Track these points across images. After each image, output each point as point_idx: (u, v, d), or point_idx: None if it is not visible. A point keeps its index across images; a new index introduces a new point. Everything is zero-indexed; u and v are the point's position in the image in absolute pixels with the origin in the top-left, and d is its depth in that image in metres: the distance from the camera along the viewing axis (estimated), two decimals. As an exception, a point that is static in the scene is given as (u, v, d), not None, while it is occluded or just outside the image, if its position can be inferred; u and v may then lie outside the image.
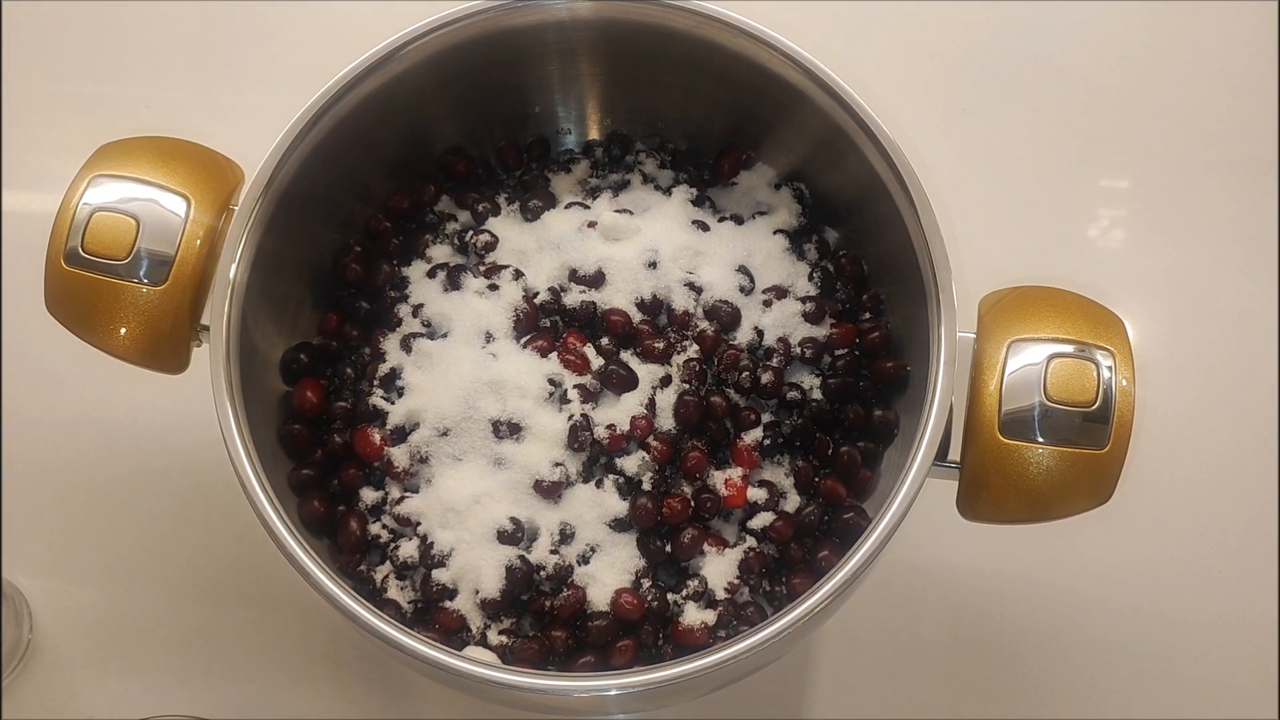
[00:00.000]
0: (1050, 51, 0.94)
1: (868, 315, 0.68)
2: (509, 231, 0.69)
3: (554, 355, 0.64)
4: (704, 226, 0.69)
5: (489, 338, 0.64)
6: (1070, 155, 0.91)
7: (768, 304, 0.67)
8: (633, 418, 0.62)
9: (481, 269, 0.67)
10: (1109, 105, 0.92)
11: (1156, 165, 0.90)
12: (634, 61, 0.70)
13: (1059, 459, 0.56)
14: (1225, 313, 0.85)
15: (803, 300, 0.67)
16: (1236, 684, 0.74)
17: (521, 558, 0.60)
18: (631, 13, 0.66)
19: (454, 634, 0.61)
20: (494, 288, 0.66)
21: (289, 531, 0.55)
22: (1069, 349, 0.57)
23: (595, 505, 0.62)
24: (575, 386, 0.63)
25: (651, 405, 0.63)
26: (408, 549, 0.62)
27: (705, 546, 0.62)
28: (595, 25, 0.68)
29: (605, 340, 0.65)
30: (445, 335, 0.65)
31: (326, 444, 0.65)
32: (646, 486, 0.62)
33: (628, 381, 0.63)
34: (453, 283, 0.67)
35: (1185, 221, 0.88)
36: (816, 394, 0.66)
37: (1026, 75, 0.93)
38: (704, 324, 0.65)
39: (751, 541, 0.63)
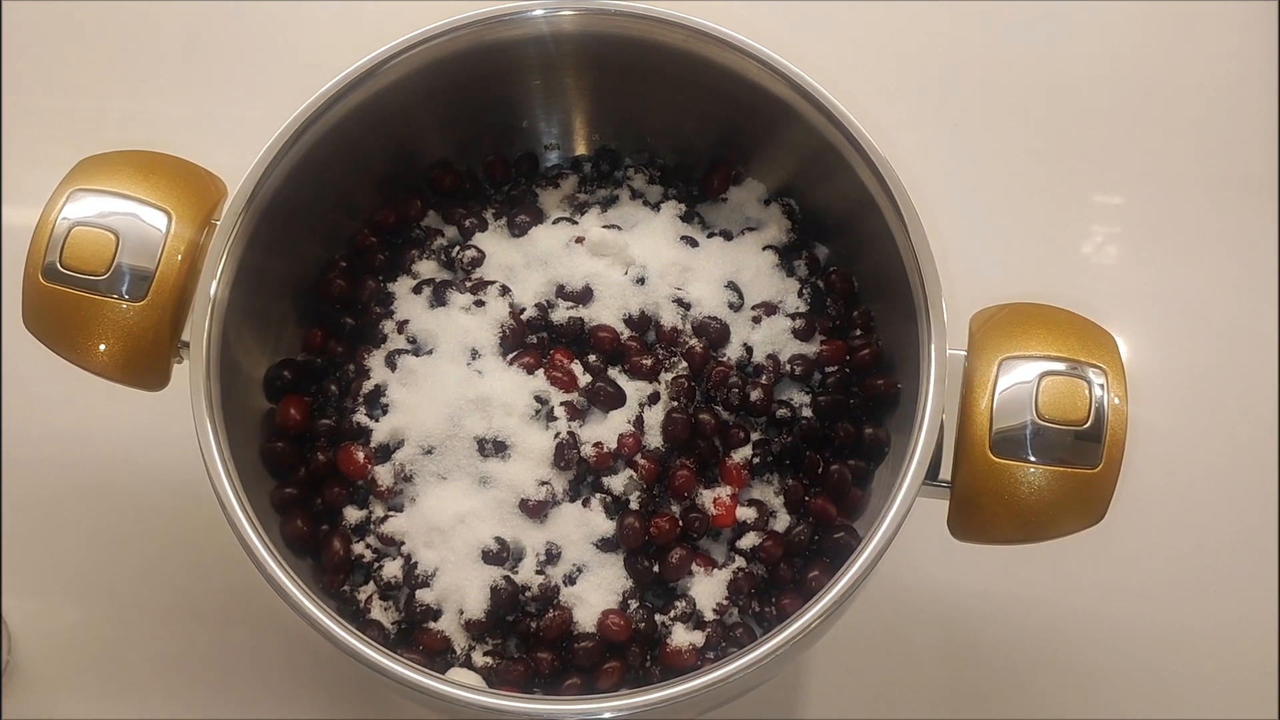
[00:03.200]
0: (1042, 65, 0.94)
1: (858, 332, 0.68)
2: (496, 247, 0.68)
3: (540, 372, 0.63)
4: (693, 242, 0.68)
5: (475, 354, 0.64)
6: (1062, 171, 0.90)
7: (757, 320, 0.66)
8: (620, 435, 0.62)
9: (468, 285, 0.67)
10: (1102, 120, 0.92)
11: (1150, 181, 0.90)
12: (621, 76, 0.70)
13: (1051, 478, 0.55)
14: (1219, 329, 0.84)
15: (792, 317, 0.67)
16: (1233, 703, 0.74)
17: (507, 578, 0.59)
18: (618, 27, 0.66)
19: (438, 655, 0.60)
20: (480, 304, 0.65)
21: (268, 551, 0.55)
22: (1061, 367, 0.57)
23: (582, 525, 0.61)
24: (562, 404, 0.62)
25: (639, 423, 0.62)
26: (391, 569, 0.61)
27: (693, 566, 0.61)
28: (580, 40, 0.67)
29: (593, 357, 0.64)
30: (430, 352, 0.65)
31: (310, 462, 0.64)
32: (634, 505, 0.61)
33: (615, 399, 0.63)
34: (438, 299, 0.66)
35: (1179, 238, 0.88)
36: (806, 411, 0.65)
37: (1017, 90, 0.93)
38: (692, 340, 0.65)
39: (741, 561, 0.62)
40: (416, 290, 0.68)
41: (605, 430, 0.62)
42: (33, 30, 0.95)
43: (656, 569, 0.61)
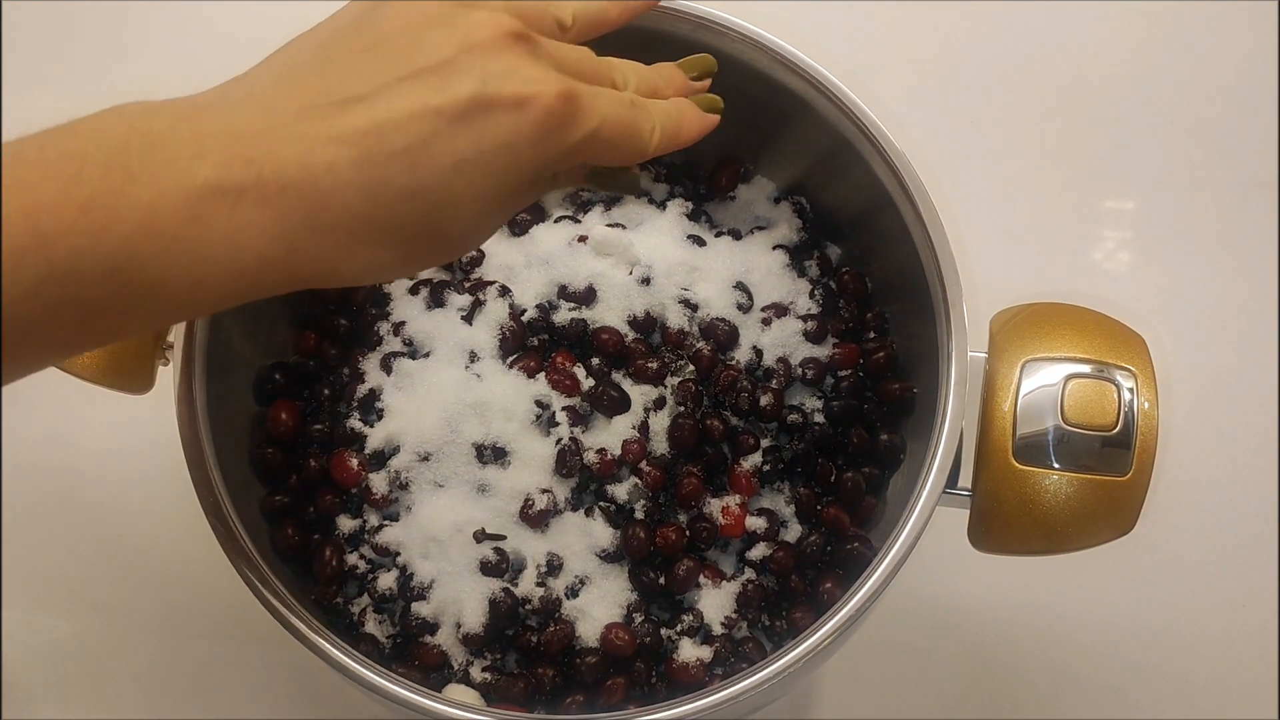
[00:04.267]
0: (1056, 64, 0.93)
1: (872, 334, 0.66)
2: (495, 246, 0.66)
3: (542, 376, 0.61)
4: (700, 241, 0.67)
5: (473, 357, 0.62)
6: (1082, 164, 0.89)
7: (767, 322, 0.65)
8: (624, 442, 0.60)
9: (466, 285, 0.65)
10: (1120, 114, 0.91)
11: (1164, 183, 0.89)
12: (627, 69, 0.68)
13: (1077, 486, 0.54)
14: (1243, 333, 0.83)
15: (804, 318, 0.65)
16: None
17: (506, 590, 0.58)
18: (623, 16, 0.64)
19: (434, 671, 0.59)
20: (479, 305, 0.63)
21: (256, 562, 0.53)
22: (1087, 369, 0.55)
23: (584, 535, 0.59)
24: (564, 409, 0.61)
25: (644, 428, 0.61)
26: (386, 580, 0.60)
27: (701, 578, 0.60)
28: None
29: (596, 360, 0.63)
30: (427, 355, 0.63)
31: (302, 469, 0.63)
32: (639, 515, 0.60)
33: (619, 403, 0.61)
34: (436, 300, 0.64)
35: (1194, 238, 0.87)
36: (818, 417, 0.63)
37: (1035, 85, 0.92)
38: (700, 343, 0.63)
39: (750, 573, 0.61)
40: (413, 291, 0.66)
41: (609, 436, 0.60)
42: (24, 33, 0.93)
43: (662, 581, 0.59)
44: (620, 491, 0.60)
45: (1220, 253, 0.86)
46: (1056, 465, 0.54)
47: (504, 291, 0.64)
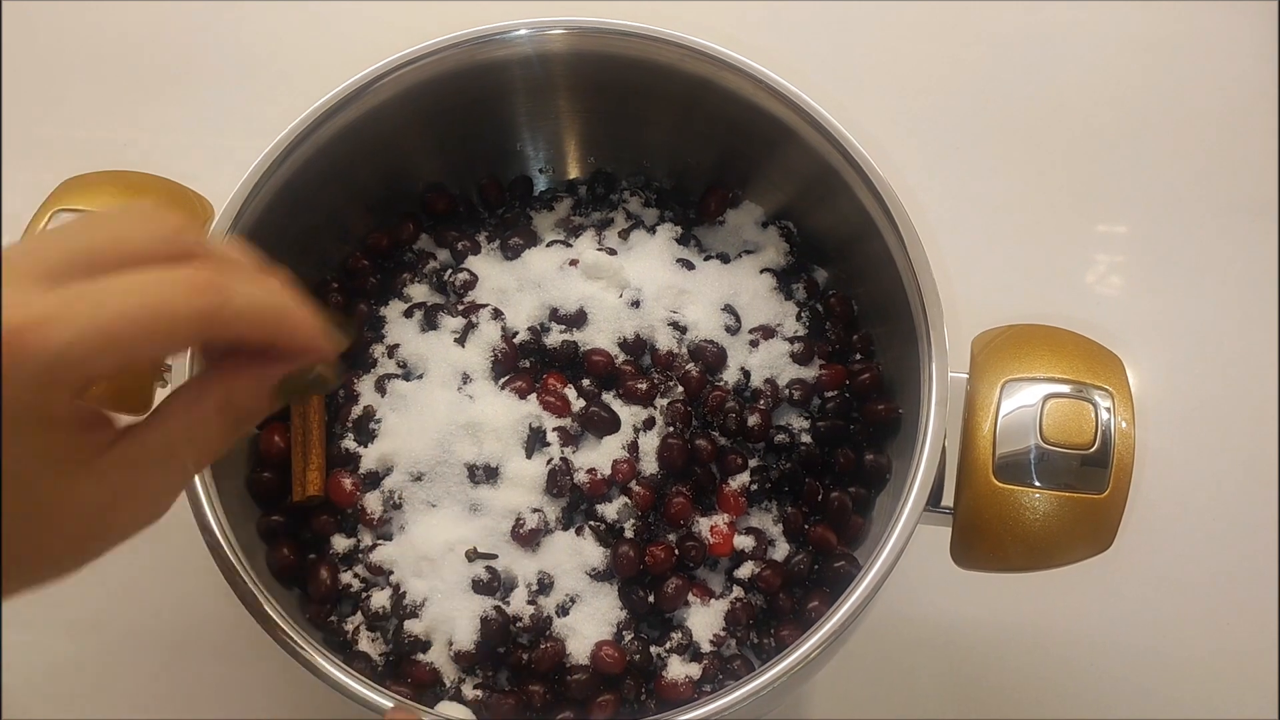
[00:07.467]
0: (1042, 89, 0.93)
1: (858, 356, 0.67)
2: (489, 270, 0.67)
3: (533, 397, 0.62)
4: (689, 265, 0.67)
5: (466, 379, 0.63)
6: (1065, 192, 0.90)
7: (754, 344, 0.65)
8: (614, 461, 0.61)
9: (460, 308, 0.65)
10: (1105, 144, 0.91)
11: (1153, 207, 0.89)
12: (616, 97, 0.69)
13: (1057, 504, 0.54)
14: (1226, 356, 0.84)
15: (791, 340, 0.66)
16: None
17: (497, 608, 0.58)
18: (610, 46, 0.65)
19: (427, 688, 0.59)
20: (472, 327, 0.64)
21: (252, 581, 0.53)
22: (1065, 389, 0.56)
23: (575, 553, 0.59)
24: (555, 429, 0.61)
25: (634, 449, 0.61)
26: (380, 599, 0.60)
27: (690, 597, 0.60)
28: (571, 60, 0.67)
29: (586, 381, 0.63)
30: (421, 376, 0.64)
31: (297, 490, 0.63)
32: (628, 534, 0.60)
33: (609, 424, 0.61)
34: (430, 322, 0.65)
35: (1184, 262, 0.87)
36: (805, 437, 0.64)
37: (1021, 111, 0.93)
38: (689, 364, 0.64)
39: (738, 591, 0.61)
40: (407, 314, 0.67)
41: (599, 456, 0.61)
42: (25, 61, 0.94)
43: (652, 599, 0.60)
44: (610, 511, 0.60)
45: (1210, 277, 0.86)
46: (1036, 483, 0.54)
47: (496, 314, 0.65)
